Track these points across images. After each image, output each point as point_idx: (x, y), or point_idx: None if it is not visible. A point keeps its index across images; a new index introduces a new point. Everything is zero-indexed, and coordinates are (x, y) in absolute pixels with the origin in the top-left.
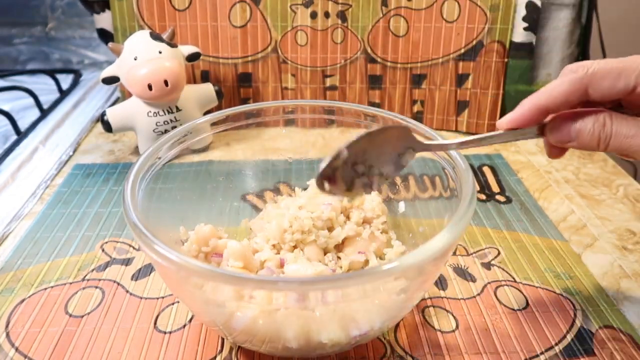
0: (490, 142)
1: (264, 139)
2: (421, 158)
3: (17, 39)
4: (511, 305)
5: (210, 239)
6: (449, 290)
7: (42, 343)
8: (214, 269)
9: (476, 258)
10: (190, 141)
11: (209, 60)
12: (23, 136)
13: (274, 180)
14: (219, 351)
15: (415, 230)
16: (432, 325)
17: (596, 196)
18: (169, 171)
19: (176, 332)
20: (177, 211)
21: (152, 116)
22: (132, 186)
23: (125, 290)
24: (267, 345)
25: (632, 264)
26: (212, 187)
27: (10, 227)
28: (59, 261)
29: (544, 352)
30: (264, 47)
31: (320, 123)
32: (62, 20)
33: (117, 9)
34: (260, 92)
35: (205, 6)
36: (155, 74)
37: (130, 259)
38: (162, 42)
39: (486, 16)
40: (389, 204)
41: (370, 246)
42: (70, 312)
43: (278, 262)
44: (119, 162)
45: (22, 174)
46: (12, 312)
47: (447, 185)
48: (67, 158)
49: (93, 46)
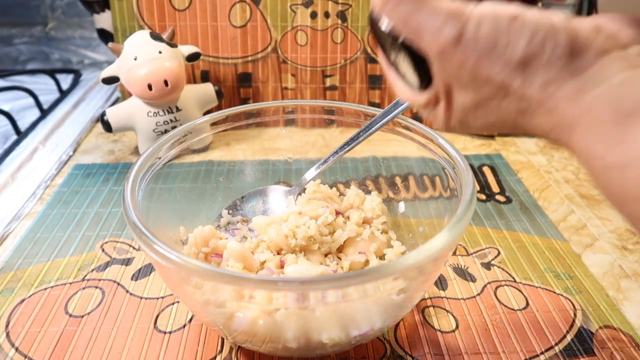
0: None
1: (264, 139)
2: (421, 158)
3: (17, 39)
4: (511, 305)
5: (210, 240)
6: (449, 290)
7: (42, 343)
8: (214, 269)
9: (476, 258)
10: (190, 141)
11: (209, 60)
12: (23, 136)
13: (274, 180)
14: (219, 351)
15: (415, 230)
16: (432, 325)
17: (596, 196)
18: (169, 171)
19: (176, 332)
20: (177, 211)
21: (152, 116)
22: (132, 186)
23: (125, 290)
24: (267, 345)
25: (632, 264)
26: (212, 187)
27: (10, 227)
28: (59, 261)
29: (544, 352)
30: (264, 47)
31: (320, 123)
32: (62, 20)
33: (117, 9)
34: (260, 92)
35: (205, 6)
36: (155, 74)
37: (130, 259)
38: (162, 42)
39: None
40: (389, 204)
41: (371, 246)
42: (70, 312)
43: (278, 262)
44: (119, 162)
45: (22, 174)
46: (12, 312)
47: (447, 185)
48: (67, 158)
49: (93, 46)
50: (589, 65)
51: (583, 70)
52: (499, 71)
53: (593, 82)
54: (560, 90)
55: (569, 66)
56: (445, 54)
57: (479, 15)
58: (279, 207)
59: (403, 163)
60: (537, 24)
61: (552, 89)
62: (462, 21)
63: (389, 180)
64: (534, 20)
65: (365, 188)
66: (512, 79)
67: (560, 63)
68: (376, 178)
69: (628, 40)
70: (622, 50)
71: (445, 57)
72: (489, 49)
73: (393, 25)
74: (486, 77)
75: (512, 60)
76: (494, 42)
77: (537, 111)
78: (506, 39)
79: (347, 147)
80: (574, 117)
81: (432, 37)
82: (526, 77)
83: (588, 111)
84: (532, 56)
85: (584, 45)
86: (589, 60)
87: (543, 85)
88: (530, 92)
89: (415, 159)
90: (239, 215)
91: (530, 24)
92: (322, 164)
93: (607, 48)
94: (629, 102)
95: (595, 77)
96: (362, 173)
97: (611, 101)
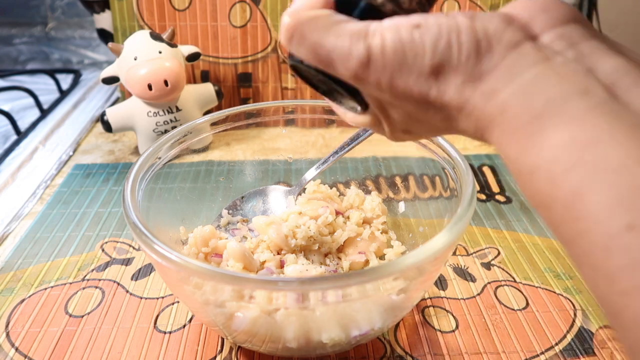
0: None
1: (264, 139)
2: (421, 158)
3: (17, 39)
4: (511, 305)
5: (210, 240)
6: (449, 290)
7: (42, 343)
8: (214, 269)
9: (476, 258)
10: (190, 141)
11: (209, 60)
12: (23, 136)
13: (274, 180)
14: (219, 351)
15: (415, 230)
16: (432, 325)
17: None
18: (169, 171)
19: (176, 332)
20: (177, 211)
21: (152, 116)
22: (132, 186)
23: (125, 290)
24: (267, 345)
25: None
26: (212, 187)
27: (10, 227)
28: (59, 261)
29: (544, 352)
30: (264, 47)
31: (320, 123)
32: (62, 20)
33: (117, 9)
34: (260, 92)
35: (205, 6)
36: (155, 74)
37: (130, 259)
38: (162, 42)
39: None
40: (389, 204)
41: (371, 246)
42: (70, 312)
43: (278, 262)
44: (119, 162)
45: (22, 174)
46: (12, 312)
47: (447, 185)
48: (67, 158)
49: (93, 46)
50: (498, 62)
51: (493, 69)
52: (413, 84)
53: (504, 81)
54: (475, 93)
55: (479, 66)
56: (359, 78)
57: (382, 32)
58: (279, 207)
59: (403, 163)
60: (439, 28)
61: (467, 93)
62: (367, 42)
63: (389, 180)
64: (436, 24)
65: (365, 188)
66: (428, 89)
67: (469, 65)
68: (376, 178)
69: (542, 27)
70: (533, 41)
71: (362, 81)
72: (398, 64)
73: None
74: (404, 92)
75: (424, 71)
76: (401, 56)
77: (459, 116)
78: (413, 51)
79: (347, 147)
80: (491, 119)
81: (343, 64)
82: (440, 85)
83: (502, 112)
84: (440, 63)
85: (492, 42)
86: (499, 57)
87: (457, 90)
88: (447, 99)
89: (415, 159)
90: (239, 215)
91: (433, 29)
92: (322, 164)
93: (517, 41)
94: (538, 102)
95: (506, 75)
96: (362, 173)
97: (522, 101)
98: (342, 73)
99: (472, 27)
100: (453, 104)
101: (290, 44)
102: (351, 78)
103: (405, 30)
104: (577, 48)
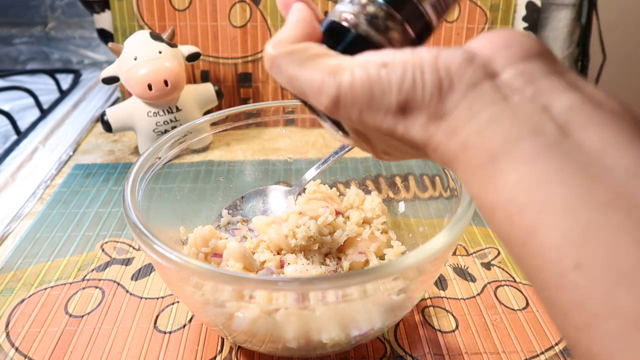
0: None
1: (263, 139)
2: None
3: (17, 39)
4: (511, 305)
5: (210, 240)
6: (449, 290)
7: (42, 343)
8: (214, 269)
9: (476, 258)
10: (190, 141)
11: (209, 60)
12: (23, 136)
13: (274, 180)
14: (219, 351)
15: (415, 230)
16: (432, 325)
17: None
18: (169, 171)
19: (176, 332)
20: (177, 211)
21: (152, 116)
22: (132, 186)
23: (125, 290)
24: (267, 345)
25: None
26: (212, 187)
27: (10, 227)
28: (59, 261)
29: (544, 352)
30: (264, 47)
31: (320, 123)
32: (62, 20)
33: (117, 9)
34: (260, 92)
35: (205, 6)
36: (155, 74)
37: (130, 259)
38: (162, 42)
39: (486, 16)
40: (389, 204)
41: (371, 246)
42: (70, 312)
43: (278, 262)
44: (119, 162)
45: (22, 174)
46: (12, 312)
47: (447, 185)
48: (67, 158)
49: (93, 46)
50: (459, 101)
51: (454, 108)
52: (381, 120)
53: (464, 120)
54: (438, 131)
55: (441, 105)
56: (331, 112)
57: (353, 68)
58: (279, 207)
59: (403, 163)
60: (405, 65)
61: (431, 131)
62: (337, 79)
63: (389, 180)
64: (402, 62)
65: (365, 188)
66: (395, 125)
67: (432, 103)
68: (376, 178)
69: (503, 64)
70: (492, 80)
71: (334, 114)
72: (366, 101)
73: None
74: (373, 126)
75: (391, 108)
76: (369, 94)
77: (426, 150)
78: (380, 88)
79: (347, 147)
80: (454, 156)
81: (315, 99)
82: (407, 122)
83: (463, 150)
84: (406, 101)
85: (453, 81)
86: (459, 96)
87: (422, 128)
88: (413, 135)
89: None
90: (239, 215)
91: (399, 66)
92: (322, 164)
93: (476, 80)
94: (494, 143)
95: (466, 114)
96: (362, 173)
97: (480, 141)
98: (316, 106)
99: (435, 66)
100: (418, 140)
101: (271, 72)
102: (325, 111)
103: (373, 68)
104: (536, 85)
